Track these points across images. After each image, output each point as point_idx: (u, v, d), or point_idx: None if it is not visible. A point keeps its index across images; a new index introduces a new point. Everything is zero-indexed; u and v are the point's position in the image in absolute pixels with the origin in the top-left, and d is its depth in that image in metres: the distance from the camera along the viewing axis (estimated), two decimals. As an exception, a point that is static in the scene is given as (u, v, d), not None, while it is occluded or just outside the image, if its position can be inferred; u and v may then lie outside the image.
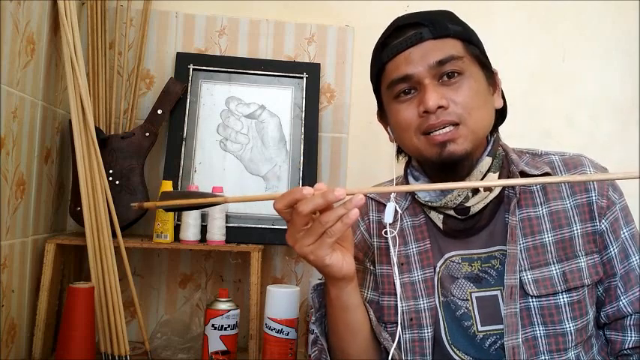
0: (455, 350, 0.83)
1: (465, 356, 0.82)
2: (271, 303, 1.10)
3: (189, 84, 1.34)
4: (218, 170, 1.33)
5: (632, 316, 0.82)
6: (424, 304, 0.84)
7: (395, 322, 0.85)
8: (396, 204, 0.85)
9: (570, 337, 0.79)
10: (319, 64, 1.40)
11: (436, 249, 0.87)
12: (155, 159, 1.36)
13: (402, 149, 0.92)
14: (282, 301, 1.09)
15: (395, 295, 0.86)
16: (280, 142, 1.35)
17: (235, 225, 1.28)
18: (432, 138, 0.79)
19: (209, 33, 1.40)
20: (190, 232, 1.22)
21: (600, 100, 1.48)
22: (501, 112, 0.89)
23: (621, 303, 0.83)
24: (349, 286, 0.79)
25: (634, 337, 0.82)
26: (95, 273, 1.14)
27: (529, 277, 0.81)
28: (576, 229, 0.83)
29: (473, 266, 0.85)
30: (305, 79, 1.37)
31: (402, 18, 0.85)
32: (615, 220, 0.83)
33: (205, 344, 1.13)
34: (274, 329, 1.07)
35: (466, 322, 0.83)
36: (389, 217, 0.83)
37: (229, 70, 1.36)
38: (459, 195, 0.82)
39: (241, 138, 1.35)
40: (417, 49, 0.80)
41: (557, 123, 1.47)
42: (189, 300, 1.33)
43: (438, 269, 0.86)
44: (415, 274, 0.86)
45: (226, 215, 1.26)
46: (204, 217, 1.25)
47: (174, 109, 1.32)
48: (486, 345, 0.82)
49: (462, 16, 0.86)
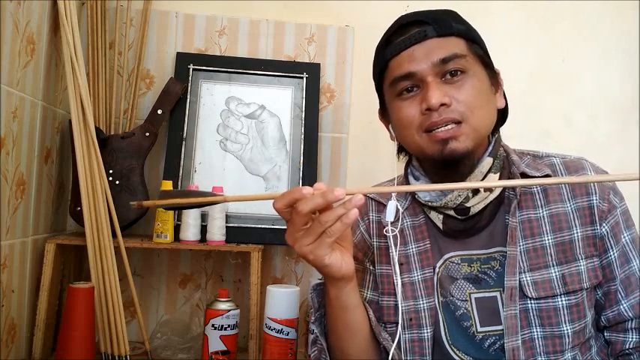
0: (455, 350, 0.83)
1: (465, 356, 0.82)
2: (271, 303, 1.10)
3: (189, 84, 1.34)
4: (218, 170, 1.33)
5: (633, 320, 0.83)
6: (424, 304, 0.85)
7: (394, 322, 0.85)
8: (397, 203, 0.85)
9: (567, 340, 0.80)
10: (319, 64, 1.40)
11: (436, 249, 0.87)
12: (155, 159, 1.36)
13: (402, 148, 0.92)
14: (282, 301, 1.09)
15: (394, 295, 0.86)
16: (280, 142, 1.35)
17: (235, 225, 1.29)
18: (434, 135, 0.79)
19: (209, 33, 1.40)
20: (190, 232, 1.22)
21: (599, 100, 1.48)
22: (503, 113, 0.89)
23: (622, 307, 0.83)
24: (348, 286, 0.79)
25: (635, 338, 0.82)
26: (95, 273, 1.14)
27: (528, 279, 0.81)
28: (576, 232, 0.83)
29: (472, 267, 0.85)
30: (305, 79, 1.37)
31: (405, 16, 0.85)
32: (616, 224, 0.84)
33: (205, 344, 1.13)
34: (274, 329, 1.07)
35: (466, 323, 0.83)
36: (390, 216, 0.83)
37: (229, 70, 1.36)
38: (459, 195, 0.82)
39: (241, 138, 1.35)
40: (421, 46, 0.80)
41: (556, 123, 1.47)
42: (189, 300, 1.33)
43: (437, 269, 0.86)
44: (415, 274, 0.86)
45: (226, 215, 1.26)
46: (204, 217, 1.26)
47: (174, 109, 1.32)
48: (486, 345, 0.82)
49: (461, 16, 0.86)
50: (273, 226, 1.30)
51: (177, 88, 1.31)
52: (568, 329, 0.80)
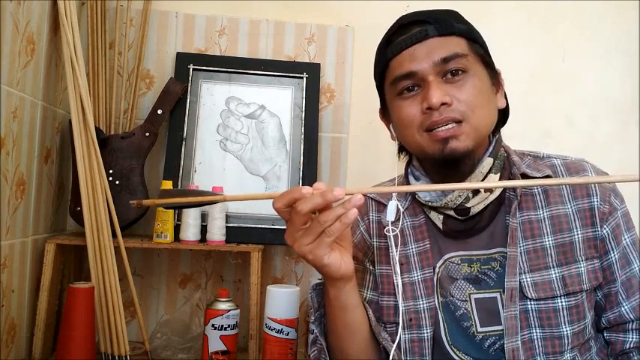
0: (455, 350, 0.83)
1: (465, 356, 0.82)
2: (271, 303, 1.10)
3: (189, 84, 1.34)
4: (218, 170, 1.33)
5: (634, 322, 0.83)
6: (423, 304, 0.85)
7: (394, 322, 0.85)
8: (398, 202, 0.85)
9: (567, 341, 0.79)
10: (319, 64, 1.40)
11: (436, 249, 0.87)
12: (155, 159, 1.36)
13: (403, 148, 0.92)
14: (282, 301, 1.09)
15: (394, 295, 0.86)
16: (280, 142, 1.35)
17: (235, 225, 1.28)
18: (435, 134, 0.79)
19: (209, 33, 1.40)
20: (190, 232, 1.22)
21: (600, 100, 1.48)
22: (504, 113, 0.89)
23: (623, 309, 0.83)
24: (347, 286, 0.79)
25: (635, 338, 0.82)
26: (95, 273, 1.14)
27: (528, 280, 0.81)
28: (577, 233, 0.82)
29: (472, 267, 0.85)
30: (305, 79, 1.37)
31: (406, 16, 0.85)
32: (617, 226, 0.83)
33: (205, 344, 1.13)
34: (274, 329, 1.07)
35: (465, 323, 0.83)
36: (391, 215, 0.83)
37: (229, 70, 1.36)
38: (459, 195, 0.82)
39: (241, 138, 1.35)
40: (422, 46, 0.80)
41: (557, 123, 1.47)
42: (189, 300, 1.33)
43: (437, 270, 0.86)
44: (415, 274, 0.86)
45: (226, 215, 1.26)
46: (204, 217, 1.25)
47: (174, 109, 1.32)
48: (486, 345, 0.82)
49: (461, 17, 0.86)
50: (273, 226, 1.30)
51: (177, 88, 1.31)
52: (567, 330, 0.79)
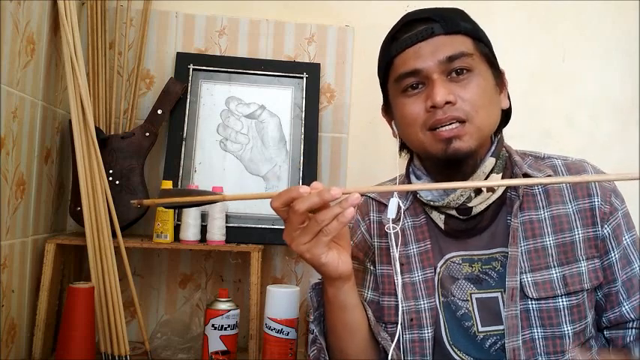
0: (455, 350, 0.83)
1: (466, 356, 0.82)
2: (271, 303, 1.10)
3: (189, 84, 1.34)
4: (218, 170, 1.33)
5: (635, 321, 0.83)
6: (424, 304, 0.84)
7: (395, 322, 0.85)
8: (399, 200, 0.85)
9: (568, 340, 0.79)
10: (319, 64, 1.40)
11: (437, 249, 0.87)
12: (155, 159, 1.36)
13: (404, 146, 0.92)
14: (282, 301, 1.09)
15: (395, 296, 0.86)
16: (280, 142, 1.35)
17: (235, 225, 1.28)
18: (438, 134, 0.79)
19: (209, 33, 1.40)
20: (190, 232, 1.22)
21: (600, 100, 1.48)
22: (506, 113, 0.88)
23: (624, 309, 0.83)
24: (346, 285, 0.79)
25: (635, 332, 0.82)
26: (95, 273, 1.14)
27: (529, 279, 0.81)
28: (578, 233, 0.82)
29: (473, 267, 0.85)
30: (305, 79, 1.37)
31: (412, 13, 0.85)
32: (618, 226, 0.83)
33: (205, 344, 1.13)
34: (274, 329, 1.07)
35: (466, 323, 0.83)
36: (392, 213, 0.83)
37: (229, 70, 1.36)
38: (461, 195, 0.82)
39: (241, 138, 1.35)
40: (428, 43, 0.80)
41: (557, 123, 1.47)
42: (189, 300, 1.33)
43: (438, 270, 0.86)
44: (415, 274, 0.86)
45: (226, 215, 1.26)
46: (204, 217, 1.25)
47: (174, 109, 1.32)
48: (487, 345, 0.82)
49: (461, 16, 0.86)
50: (273, 226, 1.29)
51: (177, 88, 1.31)
52: (569, 330, 0.79)
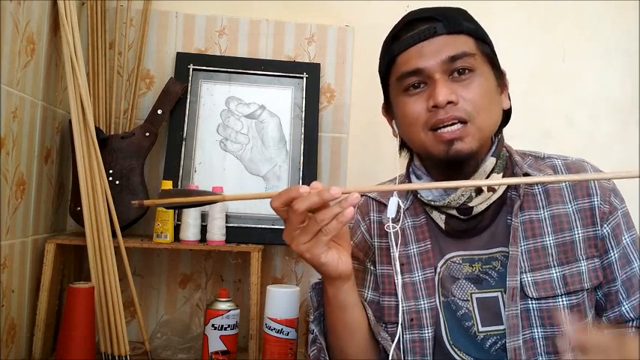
0: (456, 350, 0.83)
1: (466, 356, 0.82)
2: (271, 303, 1.10)
3: (189, 84, 1.34)
4: (218, 170, 1.33)
5: (635, 321, 0.83)
6: (425, 304, 0.84)
7: (396, 322, 0.85)
8: (399, 200, 0.85)
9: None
10: (319, 64, 1.40)
11: (437, 249, 0.87)
12: (155, 159, 1.36)
13: (404, 145, 0.92)
14: (282, 301, 1.09)
15: (395, 296, 0.86)
16: (280, 142, 1.35)
17: (235, 225, 1.28)
18: (440, 135, 0.79)
19: (209, 33, 1.40)
20: (190, 232, 1.22)
21: (600, 100, 1.48)
22: (506, 114, 0.88)
23: (623, 308, 0.83)
24: (346, 285, 0.79)
25: (635, 330, 0.83)
26: (95, 273, 1.14)
27: (529, 279, 0.81)
28: (578, 233, 0.82)
29: (474, 267, 0.85)
30: (305, 79, 1.37)
31: (414, 12, 0.84)
32: (617, 226, 0.83)
33: (205, 344, 1.13)
34: (274, 329, 1.07)
35: (467, 323, 0.83)
36: (392, 212, 0.83)
37: (229, 70, 1.36)
38: (462, 194, 0.82)
39: (241, 138, 1.35)
40: (430, 43, 0.80)
41: (557, 123, 1.47)
42: (189, 300, 1.33)
43: (438, 270, 0.86)
44: (416, 274, 0.86)
45: (226, 215, 1.26)
46: (204, 217, 1.25)
47: (174, 109, 1.32)
48: (487, 345, 0.82)
49: (461, 16, 0.86)
50: (273, 226, 1.29)
51: (177, 88, 1.31)
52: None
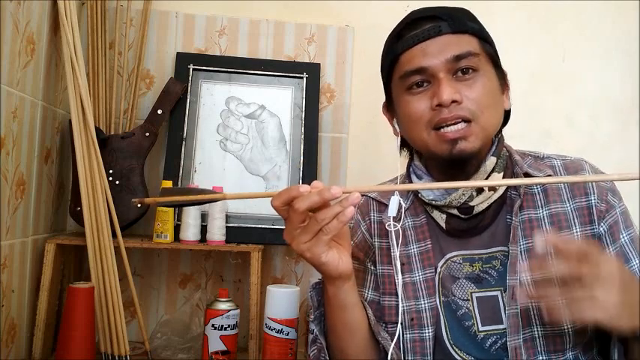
0: (456, 350, 0.83)
1: (467, 356, 0.82)
2: (271, 303, 1.10)
3: (189, 84, 1.34)
4: (218, 170, 1.33)
5: None
6: (425, 304, 0.84)
7: (396, 322, 0.85)
8: (400, 199, 0.85)
9: (568, 339, 0.79)
10: (319, 64, 1.40)
11: (437, 249, 0.87)
12: (155, 159, 1.36)
13: (404, 144, 0.92)
14: (282, 301, 1.09)
15: (395, 295, 0.86)
16: (280, 142, 1.35)
17: (235, 225, 1.28)
18: (443, 135, 0.79)
19: (209, 33, 1.40)
20: (190, 232, 1.22)
21: (600, 100, 1.48)
22: (506, 114, 0.89)
23: None
24: (346, 285, 0.79)
25: None
26: (95, 273, 1.14)
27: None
28: (576, 231, 0.83)
29: (474, 267, 0.85)
30: (305, 79, 1.37)
31: (418, 11, 0.84)
32: (615, 224, 0.83)
33: (205, 344, 1.13)
34: (274, 329, 1.07)
35: (467, 322, 0.83)
36: (393, 211, 0.83)
37: (229, 70, 1.36)
38: (463, 194, 0.82)
39: (241, 138, 1.35)
40: (435, 42, 0.80)
41: (557, 123, 1.47)
42: (189, 300, 1.33)
43: (439, 269, 0.86)
44: (416, 274, 0.86)
45: (226, 215, 1.26)
46: (204, 217, 1.25)
47: (174, 109, 1.32)
48: (487, 345, 0.82)
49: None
50: (273, 226, 1.29)
51: (177, 88, 1.31)
52: (569, 328, 0.79)
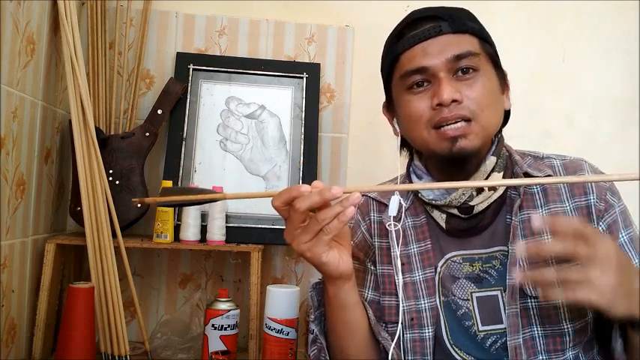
0: (456, 350, 0.83)
1: (467, 356, 0.82)
2: (271, 303, 1.10)
3: (189, 84, 1.34)
4: (218, 170, 1.33)
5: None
6: (425, 303, 0.84)
7: (396, 322, 0.85)
8: (400, 198, 0.85)
9: (568, 338, 0.79)
10: (319, 64, 1.40)
11: (437, 249, 0.87)
12: (155, 159, 1.36)
13: (404, 144, 0.92)
14: (282, 301, 1.09)
15: (395, 295, 0.86)
16: (280, 142, 1.35)
17: (235, 225, 1.28)
18: (444, 133, 0.79)
19: (209, 33, 1.40)
20: (190, 232, 1.22)
21: (600, 100, 1.48)
22: (506, 114, 0.89)
23: None
24: (347, 285, 0.79)
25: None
26: (95, 273, 1.14)
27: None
28: None
29: (474, 266, 0.85)
30: (305, 79, 1.37)
31: (418, 11, 0.85)
32: (613, 223, 0.83)
33: (205, 344, 1.13)
34: (274, 329, 1.07)
35: (467, 322, 0.83)
36: (393, 210, 0.83)
37: (229, 70, 1.36)
38: (463, 194, 0.82)
39: (241, 138, 1.35)
40: (435, 41, 0.80)
41: (557, 123, 1.47)
42: (189, 300, 1.33)
43: (439, 269, 0.86)
44: (416, 273, 0.86)
45: (226, 215, 1.26)
46: (204, 217, 1.25)
47: (174, 109, 1.32)
48: (487, 345, 0.82)
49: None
50: (273, 226, 1.29)
51: (177, 88, 1.31)
52: (569, 327, 0.79)
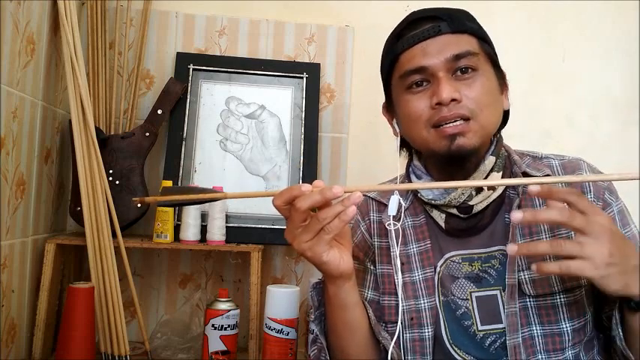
0: (456, 350, 0.83)
1: (466, 355, 0.82)
2: (271, 303, 1.10)
3: (189, 84, 1.34)
4: (218, 170, 1.33)
5: None
6: (424, 303, 0.85)
7: (396, 322, 0.85)
8: (400, 198, 0.85)
9: (567, 337, 0.79)
10: (319, 64, 1.40)
11: (437, 249, 0.87)
12: (155, 159, 1.36)
13: (404, 144, 0.92)
14: (282, 301, 1.09)
15: (395, 295, 0.86)
16: (280, 142, 1.35)
17: (235, 225, 1.28)
18: (442, 130, 0.79)
19: (209, 33, 1.40)
20: (190, 232, 1.22)
21: (600, 100, 1.48)
22: (505, 115, 0.89)
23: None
24: (347, 284, 0.79)
25: None
26: (95, 273, 1.14)
27: (526, 276, 0.81)
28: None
29: (473, 266, 0.85)
30: (305, 79, 1.37)
31: (418, 12, 0.85)
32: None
33: (205, 344, 1.13)
34: (274, 329, 1.07)
35: (466, 322, 0.83)
36: (393, 210, 0.83)
37: (229, 70, 1.36)
38: (462, 193, 0.82)
39: (241, 138, 1.35)
40: (434, 41, 0.81)
41: (557, 123, 1.47)
42: (189, 300, 1.33)
43: (438, 269, 0.86)
44: (416, 273, 0.86)
45: (226, 215, 1.26)
46: (204, 217, 1.25)
47: (174, 109, 1.32)
48: (486, 344, 0.82)
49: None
50: (273, 226, 1.29)
51: (177, 88, 1.31)
52: (567, 327, 0.80)
